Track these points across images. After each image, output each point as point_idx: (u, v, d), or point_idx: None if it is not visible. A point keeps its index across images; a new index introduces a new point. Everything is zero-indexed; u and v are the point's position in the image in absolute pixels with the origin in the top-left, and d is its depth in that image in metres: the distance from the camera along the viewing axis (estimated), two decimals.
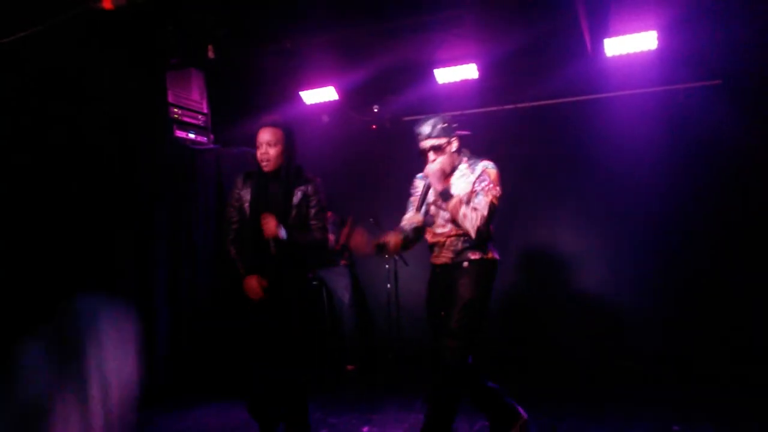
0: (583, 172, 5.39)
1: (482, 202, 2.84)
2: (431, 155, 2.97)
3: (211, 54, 4.15)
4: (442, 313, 2.94)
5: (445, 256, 2.98)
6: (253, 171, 3.17)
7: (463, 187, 2.93)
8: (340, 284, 5.54)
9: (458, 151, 3.01)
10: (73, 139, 4.18)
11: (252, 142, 3.26)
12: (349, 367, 5.46)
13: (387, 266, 5.63)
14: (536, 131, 5.57)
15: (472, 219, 2.80)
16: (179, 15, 3.81)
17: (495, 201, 2.88)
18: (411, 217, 3.06)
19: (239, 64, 4.97)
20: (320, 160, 6.25)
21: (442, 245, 3.00)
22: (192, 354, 4.89)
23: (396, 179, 6.14)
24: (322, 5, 4.14)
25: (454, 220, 2.89)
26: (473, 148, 3.14)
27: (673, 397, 4.18)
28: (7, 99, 3.93)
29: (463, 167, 3.00)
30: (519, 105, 5.59)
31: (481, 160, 2.98)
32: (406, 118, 6.13)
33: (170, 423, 4.14)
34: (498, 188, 2.91)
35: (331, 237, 5.42)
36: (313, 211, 3.17)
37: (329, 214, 5.56)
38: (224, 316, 5.09)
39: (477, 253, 2.94)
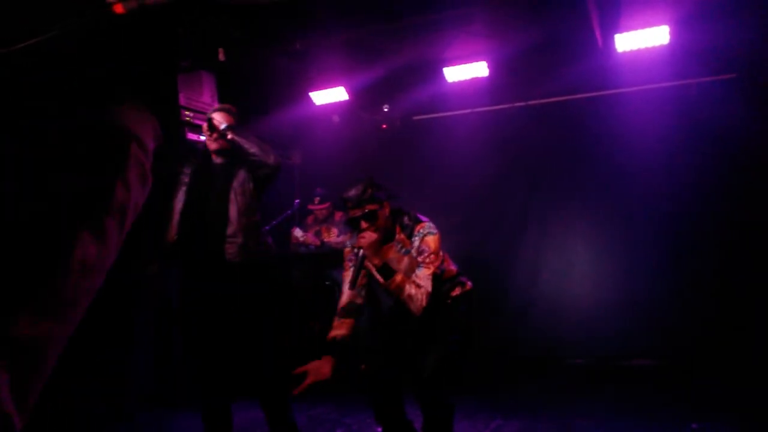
0: (595, 169, 5.35)
1: (424, 277, 2.59)
2: (363, 224, 2.65)
3: (221, 56, 4.17)
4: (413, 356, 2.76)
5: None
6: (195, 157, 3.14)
7: (407, 263, 2.68)
8: None
9: (392, 216, 2.76)
10: (84, 143, 4.22)
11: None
12: (364, 367, 5.46)
13: None
14: (547, 129, 5.54)
15: (417, 299, 2.54)
16: (190, 18, 3.84)
17: (437, 271, 2.67)
18: (348, 299, 2.79)
19: (249, 66, 4.99)
20: (330, 160, 6.29)
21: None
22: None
23: (407, 179, 6.18)
24: (332, 6, 4.14)
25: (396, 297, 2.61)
26: (483, 149, 3.15)
27: (691, 395, 4.14)
28: (16, 106, 3.98)
29: (399, 242, 2.73)
30: (530, 102, 5.57)
31: (417, 227, 2.69)
32: (417, 118, 6.14)
33: (187, 421, 4.17)
34: (437, 257, 2.67)
35: (344, 238, 5.42)
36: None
37: (341, 213, 5.57)
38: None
39: (457, 288, 2.80)
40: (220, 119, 2.99)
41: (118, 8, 0.86)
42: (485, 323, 5.77)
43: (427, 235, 2.66)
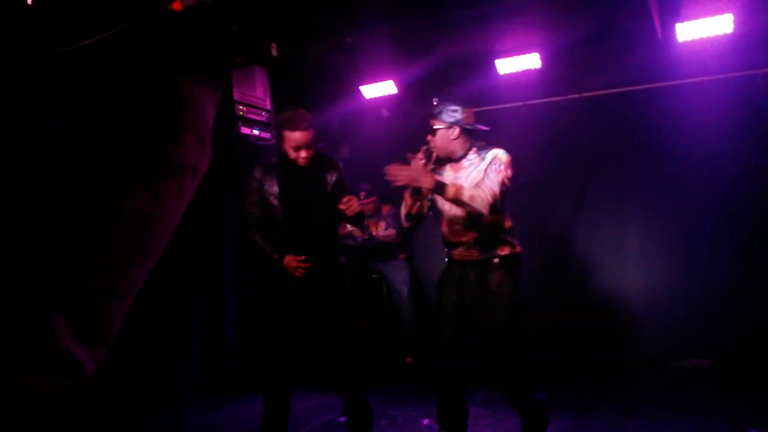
0: (653, 164, 5.18)
1: (493, 179, 2.81)
2: (428, 137, 3.07)
3: (274, 51, 4.24)
4: (471, 313, 2.95)
5: (470, 254, 2.95)
6: (271, 163, 3.12)
7: (474, 176, 2.92)
8: (399, 277, 5.56)
9: (464, 140, 3.00)
10: (141, 141, 4.39)
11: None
12: (409, 360, 5.48)
13: (446, 259, 5.59)
14: (602, 121, 5.38)
15: (480, 197, 2.73)
16: (244, 14, 3.92)
17: (506, 181, 2.86)
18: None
19: (301, 61, 5.06)
20: (379, 154, 6.29)
21: (463, 243, 2.99)
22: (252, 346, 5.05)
23: None
24: None
25: (464, 211, 2.87)
26: (536, 142, 3.15)
27: (750, 398, 3.97)
28: (74, 105, 4.17)
29: (472, 157, 3.00)
30: (584, 94, 5.42)
31: (491, 149, 2.97)
32: None
33: (238, 410, 4.29)
34: (510, 171, 2.88)
35: (392, 231, 5.44)
36: (344, 192, 3.16)
37: (388, 207, 5.59)
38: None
39: (506, 248, 2.93)
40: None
41: (176, 5, 0.89)
42: (536, 318, 5.69)
43: (500, 154, 2.92)
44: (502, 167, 2.86)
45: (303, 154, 2.99)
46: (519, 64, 4.97)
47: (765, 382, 4.29)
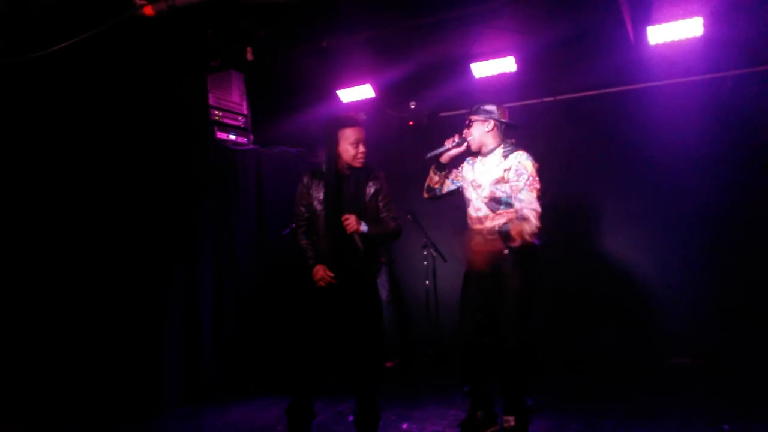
0: (626, 164, 5.26)
1: (530, 200, 3.05)
2: (466, 130, 3.46)
3: (250, 56, 4.22)
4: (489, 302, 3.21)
5: (488, 245, 3.16)
6: (319, 170, 3.24)
7: (493, 173, 3.25)
8: (378, 281, 5.54)
9: (496, 135, 3.37)
10: (117, 145, 4.33)
11: (291, 142, 3.29)
12: (389, 364, 5.48)
13: (425, 263, 5.61)
14: (576, 124, 5.45)
15: (530, 224, 2.98)
16: (218, 19, 3.89)
17: (539, 193, 3.08)
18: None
19: (277, 65, 5.03)
20: None
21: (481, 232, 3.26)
22: (236, 348, 4.99)
23: None
24: (358, 3, 4.15)
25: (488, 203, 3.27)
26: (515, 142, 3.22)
27: (726, 395, 4.05)
28: (51, 108, 4.10)
29: (498, 151, 3.32)
30: (558, 97, 5.49)
31: (518, 150, 3.25)
32: (444, 114, 6.10)
33: (217, 417, 4.24)
34: (538, 182, 3.10)
35: None
36: (383, 203, 3.28)
37: None
38: (269, 310, 5.20)
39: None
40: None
41: (148, 10, 0.88)
42: None
43: (524, 160, 3.17)
44: (530, 180, 3.11)
45: (362, 148, 3.19)
46: (494, 67, 5.01)
47: (741, 381, 4.38)
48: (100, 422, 4.03)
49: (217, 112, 4.77)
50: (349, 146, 3.15)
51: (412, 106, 5.93)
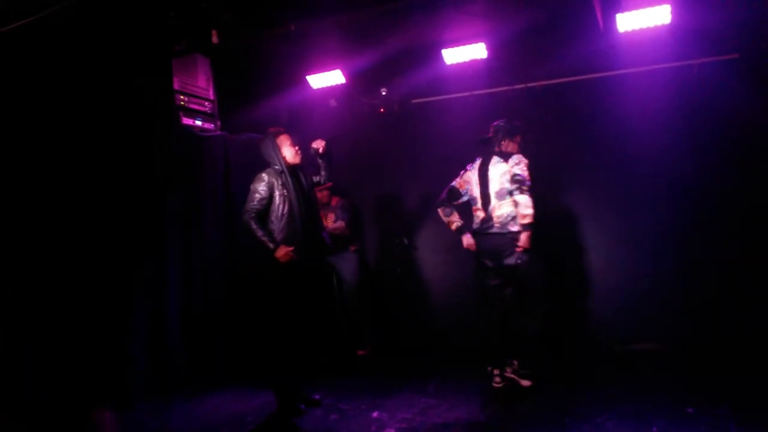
0: (596, 151, 5.29)
1: (525, 201, 3.93)
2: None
3: (215, 39, 4.11)
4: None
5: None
6: (275, 168, 3.86)
7: (501, 170, 4.07)
8: (348, 269, 5.51)
9: (516, 146, 4.28)
10: (78, 130, 4.17)
11: (260, 128, 3.36)
12: (360, 352, 5.46)
13: (397, 251, 5.59)
14: (547, 111, 5.45)
15: (528, 216, 3.93)
16: (182, 0, 3.77)
17: (530, 191, 3.96)
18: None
19: (244, 49, 4.91)
20: (328, 145, 6.22)
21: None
22: (206, 340, 4.91)
23: (405, 163, 6.12)
24: None
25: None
26: (483, 132, 3.21)
27: (689, 380, 4.14)
28: (8, 91, 3.92)
29: (507, 158, 4.12)
30: (529, 84, 5.49)
31: (513, 155, 4.12)
32: (415, 101, 6.06)
33: (187, 408, 4.17)
34: (530, 181, 3.99)
35: (342, 223, 5.38)
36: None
37: (337, 198, 5.53)
38: (240, 301, 5.13)
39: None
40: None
41: None
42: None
43: (518, 170, 3.98)
44: (527, 184, 3.95)
45: (297, 148, 3.90)
46: (465, 54, 4.98)
47: (706, 364, 4.48)
48: (66, 415, 3.92)
49: (182, 97, 4.65)
50: (289, 148, 3.89)
51: (384, 93, 5.87)
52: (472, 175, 4.25)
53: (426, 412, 3.75)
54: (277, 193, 3.78)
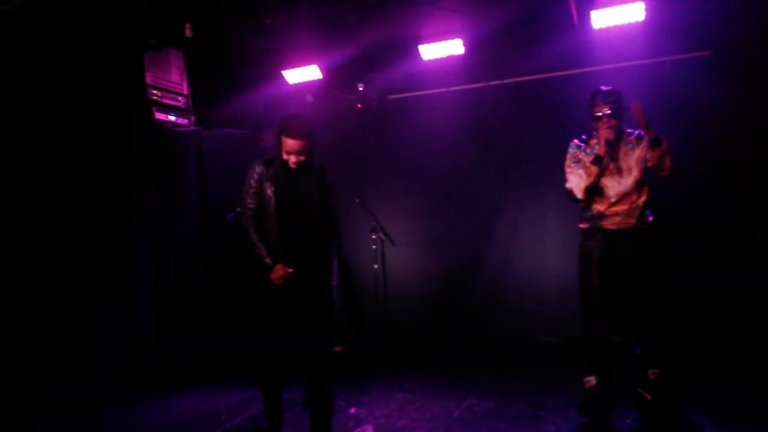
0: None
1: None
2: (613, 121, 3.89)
3: (188, 33, 4.03)
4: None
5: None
6: (271, 160, 3.36)
7: (638, 153, 3.92)
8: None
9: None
10: (45, 124, 4.06)
11: (235, 124, 3.23)
12: (338, 349, 5.43)
13: (374, 247, 5.58)
14: (523, 107, 5.50)
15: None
16: None
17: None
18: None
19: (218, 43, 4.83)
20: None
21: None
22: (177, 339, 4.83)
23: (382, 158, 6.10)
24: None
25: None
26: (459, 128, 3.16)
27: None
28: None
29: (628, 143, 4.01)
30: (505, 81, 5.51)
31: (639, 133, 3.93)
32: (392, 97, 6.05)
33: (160, 406, 4.11)
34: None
35: None
36: (332, 198, 3.47)
37: None
38: (215, 298, 5.07)
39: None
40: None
41: None
42: (458, 303, 5.80)
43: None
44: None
45: (293, 159, 3.26)
46: (442, 49, 4.97)
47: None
48: (38, 414, 3.84)
49: (155, 91, 4.56)
50: (283, 152, 3.28)
51: (360, 89, 5.84)
52: None
53: (403, 408, 3.75)
54: (267, 184, 3.34)
